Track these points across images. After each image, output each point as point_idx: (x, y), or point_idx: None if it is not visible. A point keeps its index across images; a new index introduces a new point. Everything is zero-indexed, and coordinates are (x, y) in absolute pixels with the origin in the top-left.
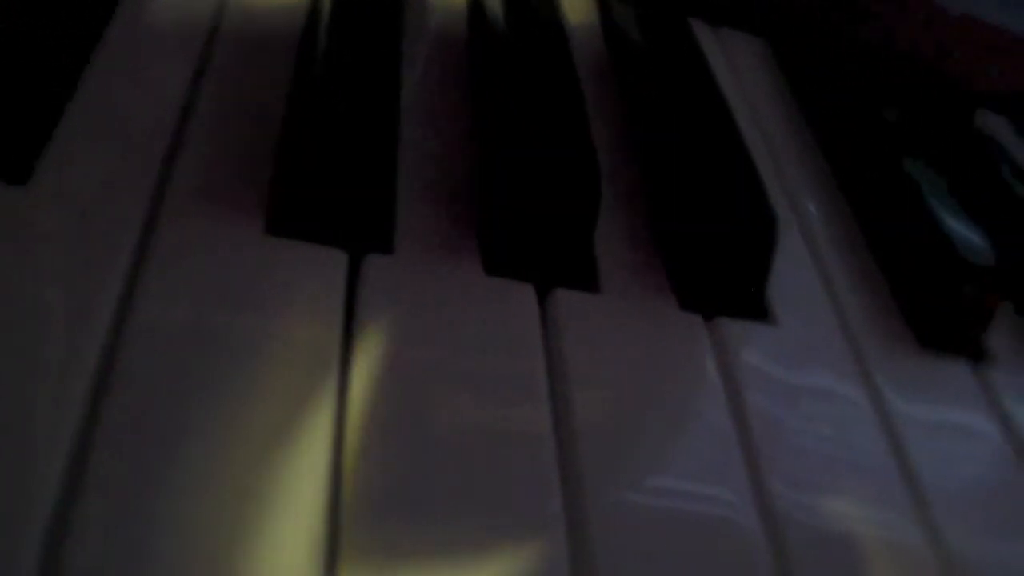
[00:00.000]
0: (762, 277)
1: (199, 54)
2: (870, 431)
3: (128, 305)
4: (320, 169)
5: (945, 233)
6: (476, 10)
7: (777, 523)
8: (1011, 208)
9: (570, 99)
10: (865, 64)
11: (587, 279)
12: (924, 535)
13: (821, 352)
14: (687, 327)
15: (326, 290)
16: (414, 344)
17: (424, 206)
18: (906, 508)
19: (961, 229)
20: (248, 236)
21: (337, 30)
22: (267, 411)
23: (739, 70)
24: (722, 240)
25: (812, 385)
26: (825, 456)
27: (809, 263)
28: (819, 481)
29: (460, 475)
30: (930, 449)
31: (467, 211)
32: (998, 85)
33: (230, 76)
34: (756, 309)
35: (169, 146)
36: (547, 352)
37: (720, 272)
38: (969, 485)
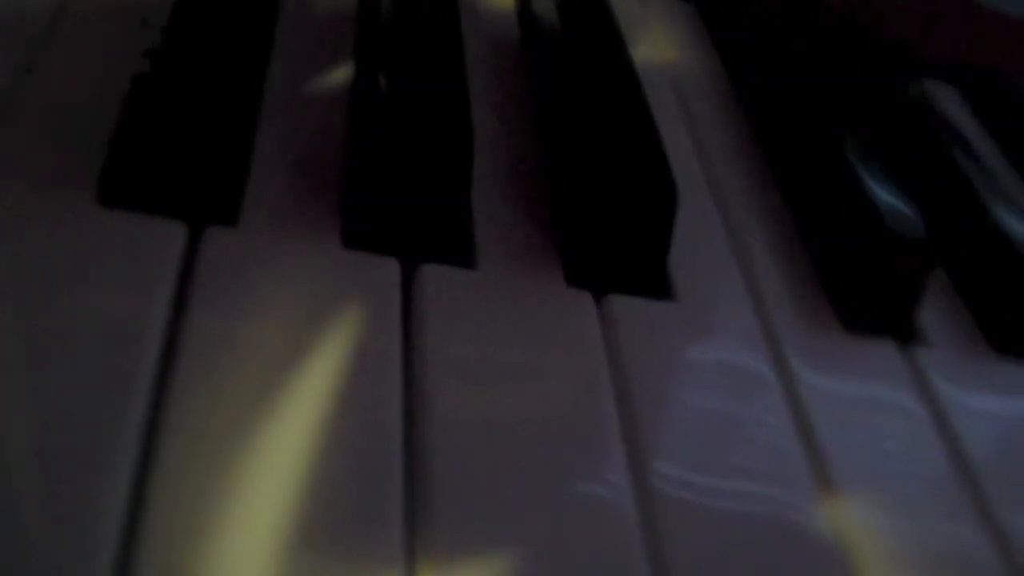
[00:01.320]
0: (660, 249)
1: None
2: (777, 411)
3: None
4: (157, 128)
5: (873, 203)
6: None
7: (656, 507)
8: (949, 180)
9: (447, 54)
10: (801, 30)
11: (461, 253)
12: (828, 516)
13: (728, 331)
14: (574, 305)
15: (159, 265)
16: (253, 324)
17: (283, 175)
18: (810, 489)
19: (891, 200)
20: (79, 207)
21: None
22: (75, 395)
23: (662, 36)
24: (614, 208)
25: (714, 366)
26: (722, 439)
27: (723, 235)
28: (710, 464)
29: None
30: (843, 430)
31: (330, 179)
32: (949, 55)
33: (72, 50)
34: (655, 285)
35: None
36: (407, 334)
37: (612, 244)
38: (884, 467)
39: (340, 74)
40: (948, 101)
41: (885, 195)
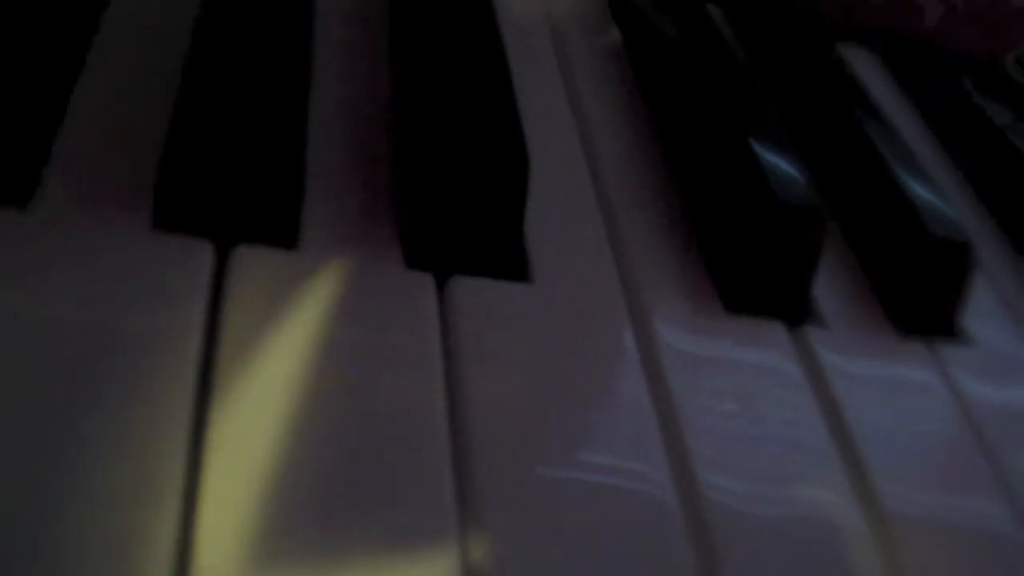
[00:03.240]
0: (510, 225)
1: None
2: (636, 390)
3: None
4: None
5: (761, 170)
6: None
7: (485, 497)
8: (855, 148)
9: (290, 25)
10: None
11: (283, 233)
12: (679, 487)
13: (590, 315)
14: (412, 288)
15: None
16: (41, 309)
17: (89, 153)
18: (662, 459)
19: (785, 168)
20: None
21: None
22: None
23: None
24: (454, 177)
25: (571, 352)
26: (567, 423)
27: (595, 209)
28: (550, 446)
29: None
30: (708, 403)
31: (142, 156)
32: (874, 20)
33: None
34: (507, 265)
35: None
36: (211, 317)
37: (454, 219)
38: (747, 434)
39: (170, 47)
40: (867, 67)
41: (778, 163)
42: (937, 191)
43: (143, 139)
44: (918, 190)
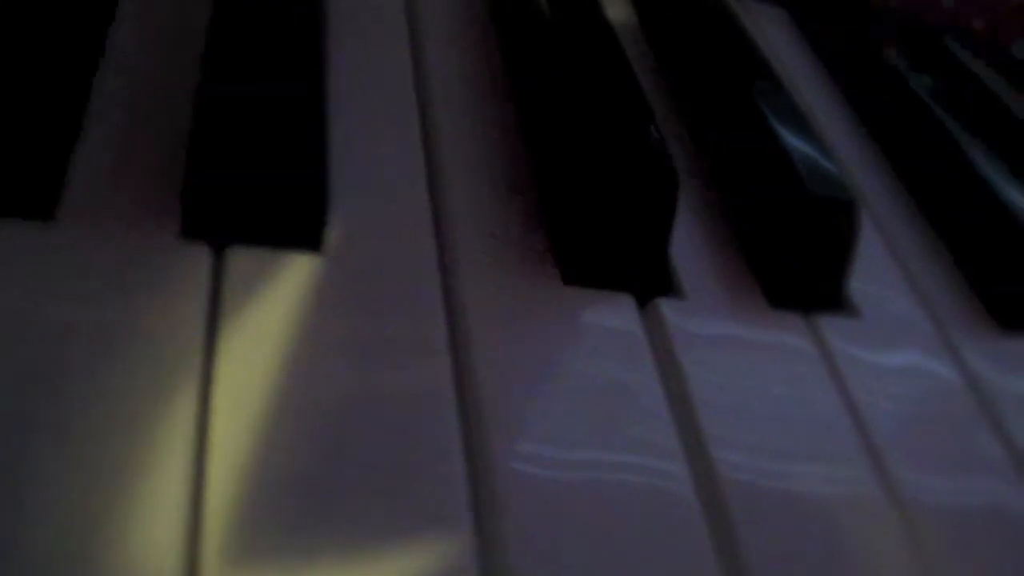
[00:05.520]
0: (299, 192)
1: None
2: (438, 376)
3: None
4: None
5: (612, 121)
6: None
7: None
8: (733, 103)
9: None
10: None
11: (36, 204)
12: (471, 460)
13: (391, 288)
14: (184, 259)
15: None
16: None
17: None
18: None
19: (641, 122)
20: None
21: None
22: None
23: None
24: (235, 137)
25: (350, 331)
26: (328, 416)
27: (422, 174)
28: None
29: None
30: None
31: None
32: None
33: None
34: (298, 235)
35: None
36: None
37: (231, 183)
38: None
39: None
40: (775, 25)
41: (634, 117)
42: (825, 151)
43: None
44: (800, 147)
